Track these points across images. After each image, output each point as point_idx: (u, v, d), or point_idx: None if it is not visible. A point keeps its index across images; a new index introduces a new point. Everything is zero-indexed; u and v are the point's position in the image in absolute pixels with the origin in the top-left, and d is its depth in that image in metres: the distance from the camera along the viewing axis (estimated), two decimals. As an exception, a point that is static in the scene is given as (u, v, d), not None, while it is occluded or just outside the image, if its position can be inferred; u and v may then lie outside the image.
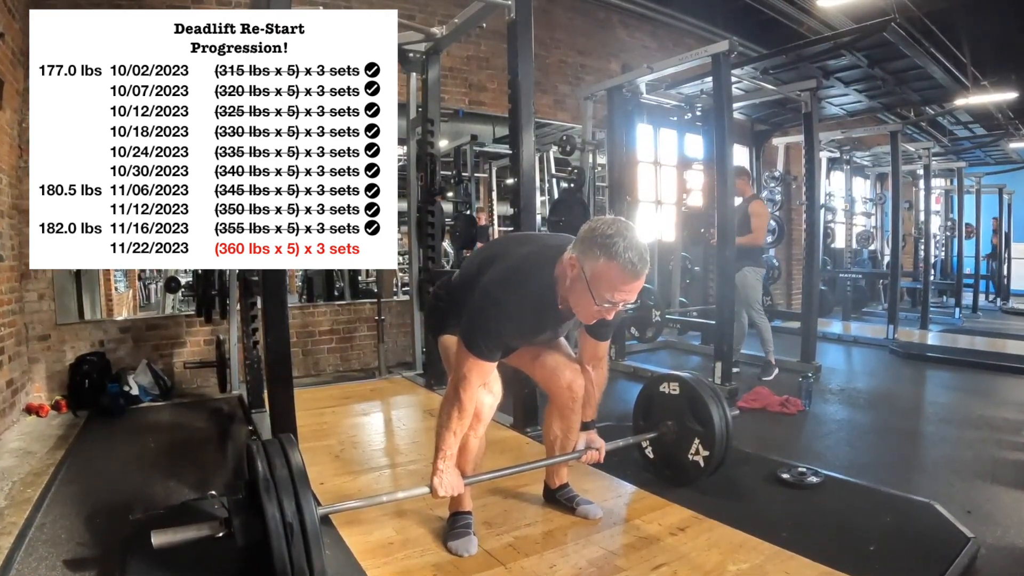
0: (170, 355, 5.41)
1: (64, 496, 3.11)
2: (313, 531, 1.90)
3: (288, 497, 1.90)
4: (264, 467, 1.96)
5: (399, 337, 6.40)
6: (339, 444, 3.62)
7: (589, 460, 2.60)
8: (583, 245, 1.98)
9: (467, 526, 2.40)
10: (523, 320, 2.12)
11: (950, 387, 5.61)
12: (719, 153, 4.91)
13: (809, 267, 6.26)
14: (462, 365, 2.11)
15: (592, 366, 2.52)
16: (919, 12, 7.32)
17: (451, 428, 2.17)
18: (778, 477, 3.06)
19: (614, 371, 5.96)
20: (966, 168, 11.17)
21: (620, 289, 1.95)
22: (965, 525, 2.55)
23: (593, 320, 2.11)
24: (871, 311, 10.48)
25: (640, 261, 1.93)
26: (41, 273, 4.88)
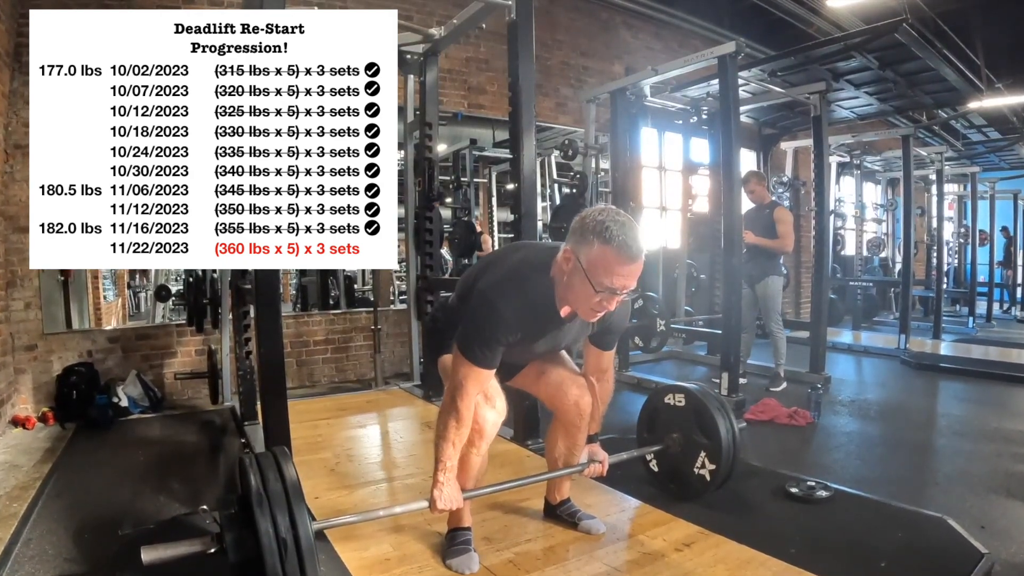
0: (160, 366, 5.42)
1: (51, 511, 3.12)
2: (308, 546, 1.90)
3: (282, 511, 1.90)
4: (257, 481, 1.96)
5: (396, 347, 6.41)
6: (334, 457, 3.62)
7: (592, 473, 2.61)
8: (576, 236, 2.00)
9: (467, 542, 2.40)
10: (520, 325, 2.11)
11: (963, 398, 5.61)
12: (726, 158, 4.92)
13: (818, 275, 6.28)
14: (458, 372, 2.12)
15: (597, 378, 2.52)
16: (932, 12, 7.36)
17: (449, 439, 2.16)
18: (787, 491, 3.07)
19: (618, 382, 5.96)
20: (980, 173, 11.16)
21: (618, 273, 1.94)
22: (979, 541, 2.55)
23: (595, 316, 2.09)
24: (882, 320, 10.49)
25: (635, 243, 1.94)
26: (28, 281, 4.90)
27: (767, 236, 5.49)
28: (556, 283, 2.11)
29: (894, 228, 10.94)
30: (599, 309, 2.04)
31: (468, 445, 2.28)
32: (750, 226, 5.49)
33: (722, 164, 5.02)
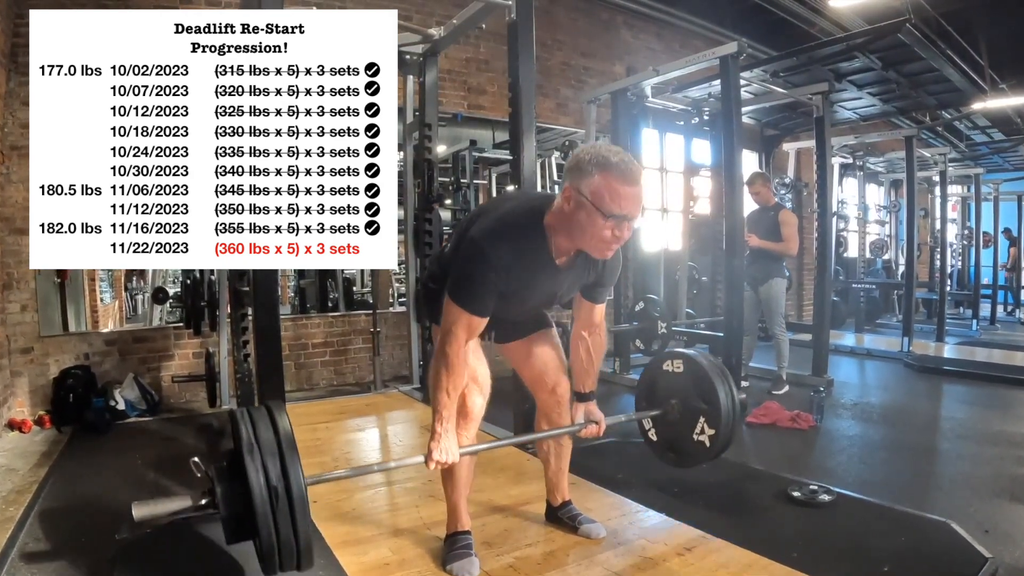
0: (158, 368, 5.42)
1: (48, 515, 3.12)
2: (299, 495, 1.88)
3: (273, 460, 1.88)
4: (248, 431, 1.93)
5: (395, 350, 6.41)
6: (333, 461, 3.63)
7: (589, 434, 2.58)
8: (574, 173, 2.02)
9: (467, 547, 2.40)
10: (511, 272, 2.09)
11: (967, 402, 5.62)
12: (727, 159, 4.93)
13: (821, 277, 6.29)
14: (448, 319, 2.11)
15: (589, 332, 2.50)
16: (935, 12, 7.35)
17: (442, 387, 2.14)
18: (789, 495, 3.07)
19: (618, 385, 5.99)
20: (984, 174, 11.19)
21: (624, 196, 1.96)
22: (983, 545, 2.55)
23: (611, 249, 2.08)
24: (885, 323, 10.50)
25: (634, 166, 1.99)
26: (24, 283, 4.90)
27: (771, 238, 5.50)
28: (553, 231, 2.11)
29: (897, 230, 10.92)
30: (613, 240, 2.03)
31: (458, 429, 2.29)
32: (753, 228, 5.50)
33: (724, 165, 5.03)
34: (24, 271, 4.88)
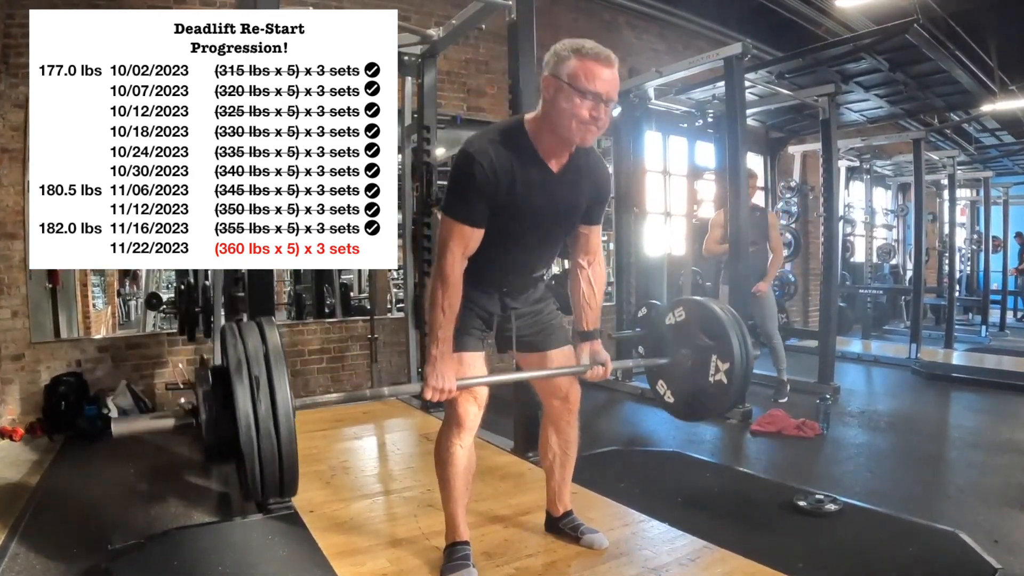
0: (151, 375, 5.43)
1: (39, 525, 3.12)
2: (285, 411, 1.86)
3: (260, 369, 1.87)
4: (237, 346, 1.92)
5: (393, 356, 6.40)
6: (330, 470, 3.63)
7: (595, 376, 2.54)
8: (551, 63, 2.11)
9: (466, 557, 2.39)
10: (501, 176, 2.11)
11: (976, 409, 5.63)
12: (732, 162, 4.94)
13: (827, 282, 6.29)
14: (442, 233, 2.18)
15: (588, 261, 2.49)
16: (943, 13, 7.37)
17: (438, 304, 2.16)
18: (794, 504, 3.07)
19: (621, 392, 5.97)
20: (993, 178, 11.19)
21: (599, 76, 2.05)
22: (992, 555, 2.55)
23: (589, 132, 2.11)
24: (893, 329, 10.49)
25: (607, 50, 2.09)
26: (14, 289, 4.91)
27: (759, 238, 5.49)
28: (538, 130, 2.17)
29: (905, 234, 10.92)
30: (591, 122, 2.09)
31: (452, 437, 2.33)
32: None
33: (728, 168, 5.04)
34: (15, 276, 4.88)
